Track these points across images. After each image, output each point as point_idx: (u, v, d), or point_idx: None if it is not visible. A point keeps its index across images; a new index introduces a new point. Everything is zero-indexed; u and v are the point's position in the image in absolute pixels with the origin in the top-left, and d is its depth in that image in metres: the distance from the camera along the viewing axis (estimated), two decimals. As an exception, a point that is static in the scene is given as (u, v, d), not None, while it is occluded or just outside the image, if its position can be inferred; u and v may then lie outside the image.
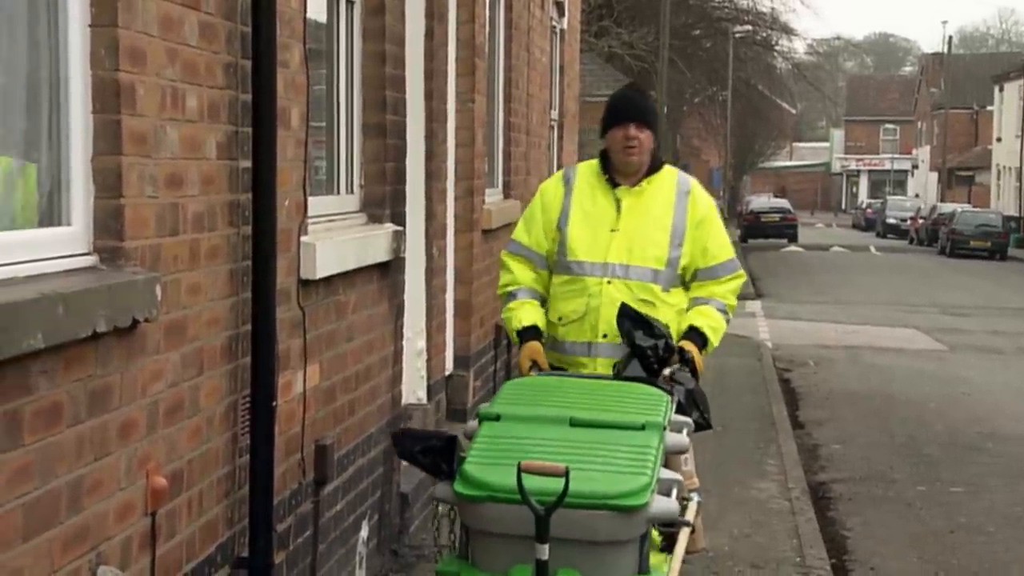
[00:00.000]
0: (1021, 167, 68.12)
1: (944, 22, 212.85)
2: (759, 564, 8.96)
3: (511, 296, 6.69)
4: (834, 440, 14.36)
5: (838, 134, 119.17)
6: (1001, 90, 75.83)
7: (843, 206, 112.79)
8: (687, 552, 5.69)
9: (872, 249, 61.67)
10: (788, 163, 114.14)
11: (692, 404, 5.66)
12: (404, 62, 9.18)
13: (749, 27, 49.95)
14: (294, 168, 6.64)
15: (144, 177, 5.00)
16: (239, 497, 6.02)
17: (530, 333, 6.50)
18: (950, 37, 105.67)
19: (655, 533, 5.97)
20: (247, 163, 5.94)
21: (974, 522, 10.80)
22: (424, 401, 10.21)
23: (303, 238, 6.69)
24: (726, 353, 19.80)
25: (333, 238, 7.41)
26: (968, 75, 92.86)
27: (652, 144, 6.23)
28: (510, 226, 12.97)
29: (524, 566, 5.36)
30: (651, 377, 6.00)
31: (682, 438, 5.81)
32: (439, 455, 5.41)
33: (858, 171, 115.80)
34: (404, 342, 9.33)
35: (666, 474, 5.54)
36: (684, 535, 5.64)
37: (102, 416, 4.64)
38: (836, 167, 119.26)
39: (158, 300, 4.94)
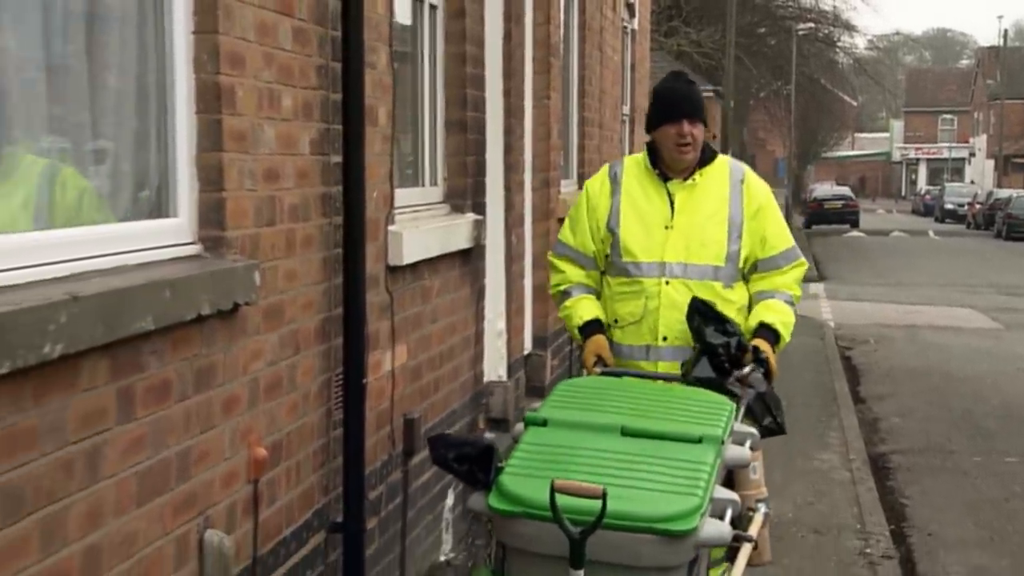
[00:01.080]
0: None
1: (1000, 16, 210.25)
2: (821, 531, 8.98)
3: (566, 294, 5.79)
4: (894, 414, 14.31)
5: (898, 125, 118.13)
6: None
7: (903, 193, 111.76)
8: (750, 565, 4.93)
9: (931, 234, 61.17)
10: (850, 153, 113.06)
11: (764, 408, 4.77)
12: (483, 62, 9.24)
13: (812, 24, 49.64)
14: (381, 162, 6.70)
15: (244, 172, 5.09)
16: (333, 467, 6.12)
17: (592, 327, 5.54)
18: (1006, 31, 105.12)
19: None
20: (338, 158, 6.01)
21: None
22: (504, 379, 10.23)
23: (390, 227, 6.76)
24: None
25: (418, 227, 7.48)
26: (1023, 66, 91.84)
27: (703, 135, 5.20)
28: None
29: None
30: (721, 378, 5.01)
31: (743, 451, 4.78)
32: (475, 463, 4.51)
33: (917, 159, 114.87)
34: (485, 323, 9.38)
35: (721, 493, 4.54)
36: (746, 550, 4.69)
37: (207, 392, 4.77)
38: (896, 156, 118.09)
39: (257, 285, 5.04)
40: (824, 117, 67.82)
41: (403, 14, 7.87)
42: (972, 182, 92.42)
